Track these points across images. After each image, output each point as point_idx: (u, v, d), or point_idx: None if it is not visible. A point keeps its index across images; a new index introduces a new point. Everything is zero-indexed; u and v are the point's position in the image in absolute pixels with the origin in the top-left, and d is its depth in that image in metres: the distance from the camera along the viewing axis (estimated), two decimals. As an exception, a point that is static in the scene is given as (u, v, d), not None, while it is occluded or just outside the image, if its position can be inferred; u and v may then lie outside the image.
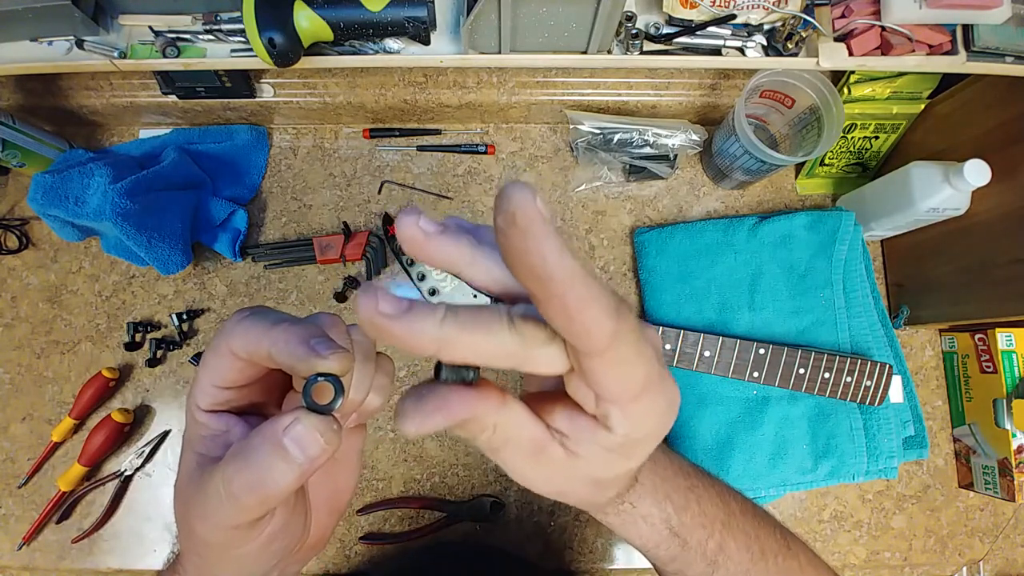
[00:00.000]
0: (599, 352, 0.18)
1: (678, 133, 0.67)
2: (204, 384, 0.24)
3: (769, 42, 0.55)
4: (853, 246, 0.66)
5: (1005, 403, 0.62)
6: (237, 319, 0.23)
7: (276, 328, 0.22)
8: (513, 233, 0.16)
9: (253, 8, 0.46)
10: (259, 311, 0.23)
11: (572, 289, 0.16)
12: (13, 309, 0.68)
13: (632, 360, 0.19)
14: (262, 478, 0.21)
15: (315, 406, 0.21)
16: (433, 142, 0.72)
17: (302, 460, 0.20)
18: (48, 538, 0.63)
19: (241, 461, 0.21)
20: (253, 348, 0.22)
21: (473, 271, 0.20)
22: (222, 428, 0.24)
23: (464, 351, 0.18)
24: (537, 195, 0.16)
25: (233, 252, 0.67)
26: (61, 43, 0.52)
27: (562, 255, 0.16)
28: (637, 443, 0.22)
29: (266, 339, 0.22)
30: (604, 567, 0.64)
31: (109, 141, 0.72)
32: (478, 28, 0.50)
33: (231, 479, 0.21)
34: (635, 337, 0.18)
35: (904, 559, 0.66)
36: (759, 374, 0.61)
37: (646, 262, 0.67)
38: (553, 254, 0.16)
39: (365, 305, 0.17)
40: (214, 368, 0.24)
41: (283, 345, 0.21)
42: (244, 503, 0.21)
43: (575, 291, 0.16)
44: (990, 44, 0.51)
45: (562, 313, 0.17)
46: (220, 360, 0.23)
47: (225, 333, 0.23)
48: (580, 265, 0.17)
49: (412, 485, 0.65)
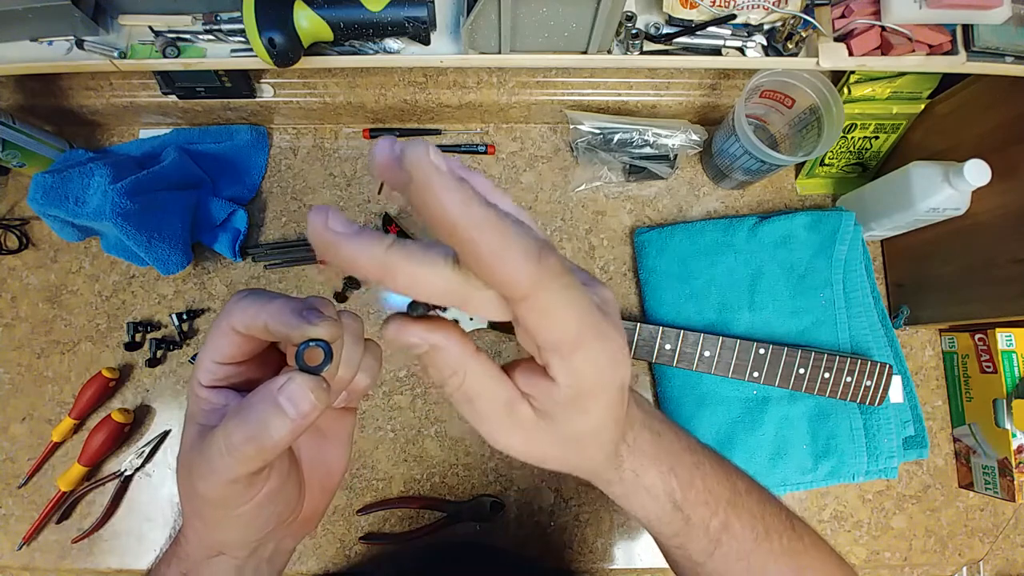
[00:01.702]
0: (522, 298, 0.19)
1: (678, 133, 0.67)
2: (205, 362, 0.26)
3: (769, 42, 0.55)
4: (853, 246, 0.66)
5: (1005, 403, 0.62)
6: (236, 299, 0.25)
7: (272, 302, 0.24)
8: (413, 189, 0.17)
9: (253, 8, 0.46)
10: (256, 291, 0.26)
11: (482, 236, 0.17)
12: (13, 309, 0.68)
13: (560, 306, 0.19)
14: (259, 431, 0.23)
15: (306, 367, 0.23)
16: (433, 142, 0.72)
17: (294, 414, 0.23)
18: (48, 538, 0.63)
19: (240, 417, 0.23)
20: (251, 322, 0.24)
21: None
22: (221, 402, 0.26)
23: (406, 280, 0.19)
24: (431, 148, 0.17)
25: (233, 252, 0.67)
26: (61, 43, 0.52)
27: (467, 204, 0.17)
28: (587, 395, 0.23)
29: (263, 312, 0.24)
30: (604, 567, 0.64)
31: (109, 141, 0.72)
32: (478, 28, 0.50)
33: (231, 432, 0.23)
34: (562, 283, 0.19)
35: (904, 559, 0.66)
36: (759, 374, 0.61)
37: (646, 262, 0.67)
38: (455, 204, 0.17)
39: (316, 221, 0.18)
40: (215, 346, 0.26)
41: (278, 315, 0.23)
42: (243, 453, 0.23)
43: (485, 238, 0.17)
44: (990, 44, 0.51)
45: (476, 261, 0.18)
46: (220, 338, 0.26)
47: (225, 312, 0.25)
48: (492, 213, 0.17)
49: (412, 485, 0.65)
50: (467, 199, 0.17)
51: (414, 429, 0.66)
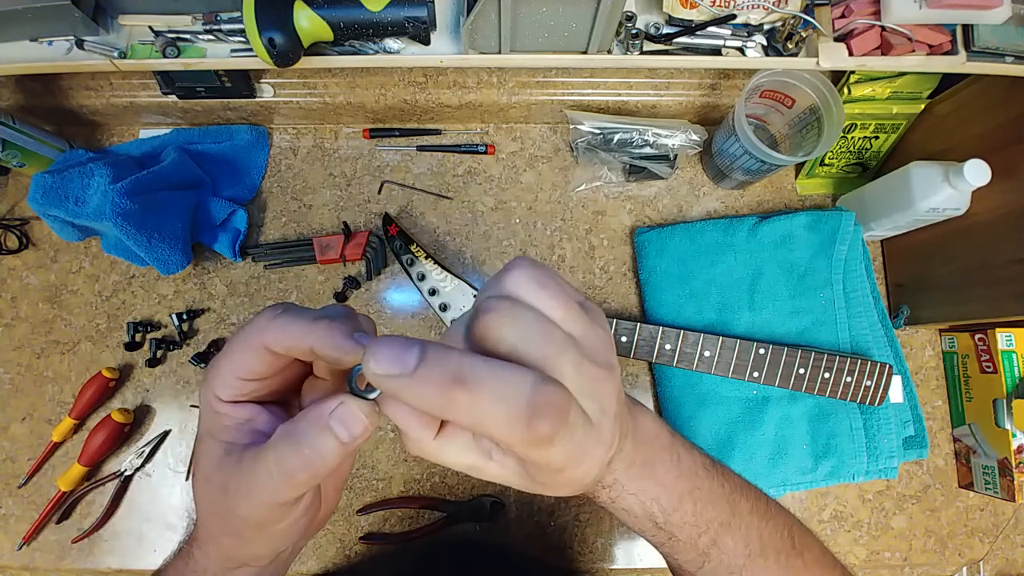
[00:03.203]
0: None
1: (678, 133, 0.67)
2: (227, 377, 0.26)
3: (769, 42, 0.55)
4: (853, 246, 0.66)
5: (1005, 403, 0.62)
6: (271, 316, 0.25)
7: (317, 324, 0.24)
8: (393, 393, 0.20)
9: (253, 8, 0.46)
10: (291, 309, 0.25)
11: (463, 419, 0.20)
12: (13, 309, 0.68)
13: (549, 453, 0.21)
14: (313, 456, 0.23)
15: (357, 391, 0.24)
16: (433, 142, 0.72)
17: (347, 439, 0.23)
18: (48, 538, 0.63)
19: (293, 443, 0.23)
20: (293, 343, 0.24)
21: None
22: (246, 416, 0.26)
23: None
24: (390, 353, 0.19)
25: (233, 252, 0.67)
26: (61, 43, 0.52)
27: (441, 396, 0.19)
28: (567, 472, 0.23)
29: (309, 335, 0.24)
30: (604, 567, 0.64)
31: (109, 141, 0.72)
32: (478, 28, 0.50)
33: (284, 459, 0.23)
34: (550, 441, 0.20)
35: (904, 559, 0.66)
36: (759, 374, 0.61)
37: (646, 262, 0.67)
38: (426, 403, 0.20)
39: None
40: (241, 362, 0.25)
41: (328, 339, 0.23)
42: (297, 480, 0.23)
43: (466, 420, 0.20)
44: (990, 44, 0.51)
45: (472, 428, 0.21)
46: (249, 354, 0.25)
47: (258, 328, 0.25)
48: (465, 397, 0.19)
49: (412, 485, 0.65)
50: (438, 393, 0.19)
51: (414, 429, 0.66)
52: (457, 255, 0.70)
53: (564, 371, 0.21)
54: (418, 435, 0.23)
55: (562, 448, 0.21)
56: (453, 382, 0.19)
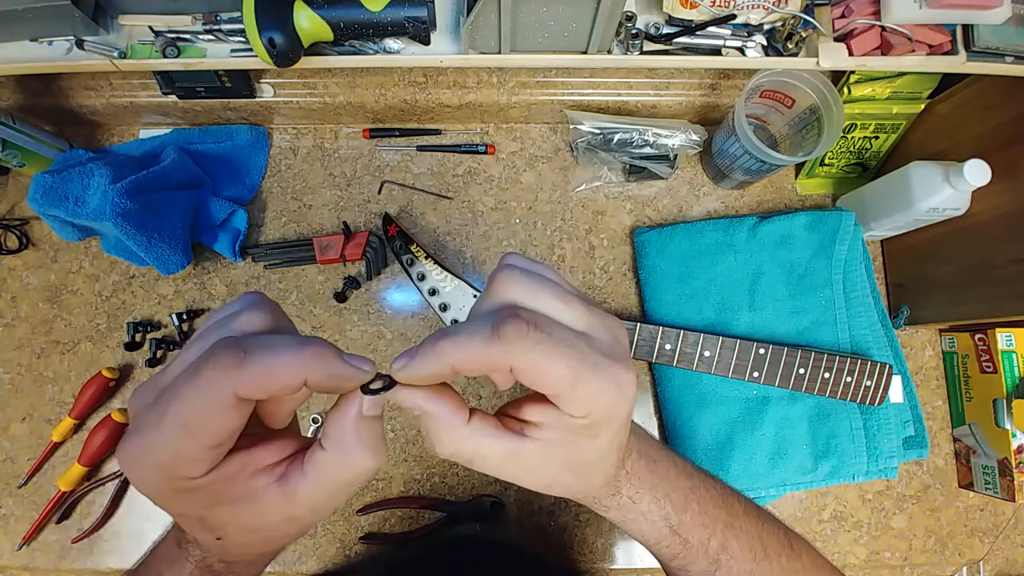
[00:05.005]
0: (504, 368, 0.22)
1: (678, 133, 0.67)
2: (193, 451, 0.21)
3: (769, 42, 0.55)
4: (853, 246, 0.66)
5: (1005, 403, 0.62)
6: (233, 360, 0.20)
7: (303, 354, 0.21)
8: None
9: (253, 8, 0.46)
10: (251, 346, 0.21)
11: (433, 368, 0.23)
12: (13, 309, 0.68)
13: (542, 361, 0.22)
14: (339, 489, 0.25)
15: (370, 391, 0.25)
16: (433, 142, 0.72)
17: (374, 410, 0.25)
18: (48, 538, 0.63)
19: (321, 483, 0.24)
20: (283, 383, 0.21)
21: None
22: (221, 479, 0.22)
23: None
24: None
25: (233, 252, 0.67)
26: (61, 43, 0.52)
27: (421, 361, 0.23)
28: (597, 423, 0.25)
29: (300, 370, 0.21)
30: (604, 567, 0.64)
31: (109, 141, 0.72)
32: (478, 28, 0.50)
33: (314, 498, 0.24)
34: (531, 343, 0.22)
35: (904, 559, 0.66)
36: (759, 374, 0.61)
37: (646, 262, 0.67)
38: (413, 373, 0.23)
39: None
40: (209, 429, 0.21)
41: (325, 370, 0.22)
42: (321, 512, 0.26)
43: (434, 367, 0.23)
44: (990, 44, 0.51)
45: (453, 373, 0.23)
46: (217, 414, 0.20)
47: (222, 378, 0.20)
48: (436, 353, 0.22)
49: (412, 485, 0.65)
50: (424, 357, 0.23)
51: (414, 429, 0.66)
52: (457, 255, 0.70)
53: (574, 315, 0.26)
54: (451, 421, 0.25)
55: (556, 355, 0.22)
56: (438, 340, 0.23)
